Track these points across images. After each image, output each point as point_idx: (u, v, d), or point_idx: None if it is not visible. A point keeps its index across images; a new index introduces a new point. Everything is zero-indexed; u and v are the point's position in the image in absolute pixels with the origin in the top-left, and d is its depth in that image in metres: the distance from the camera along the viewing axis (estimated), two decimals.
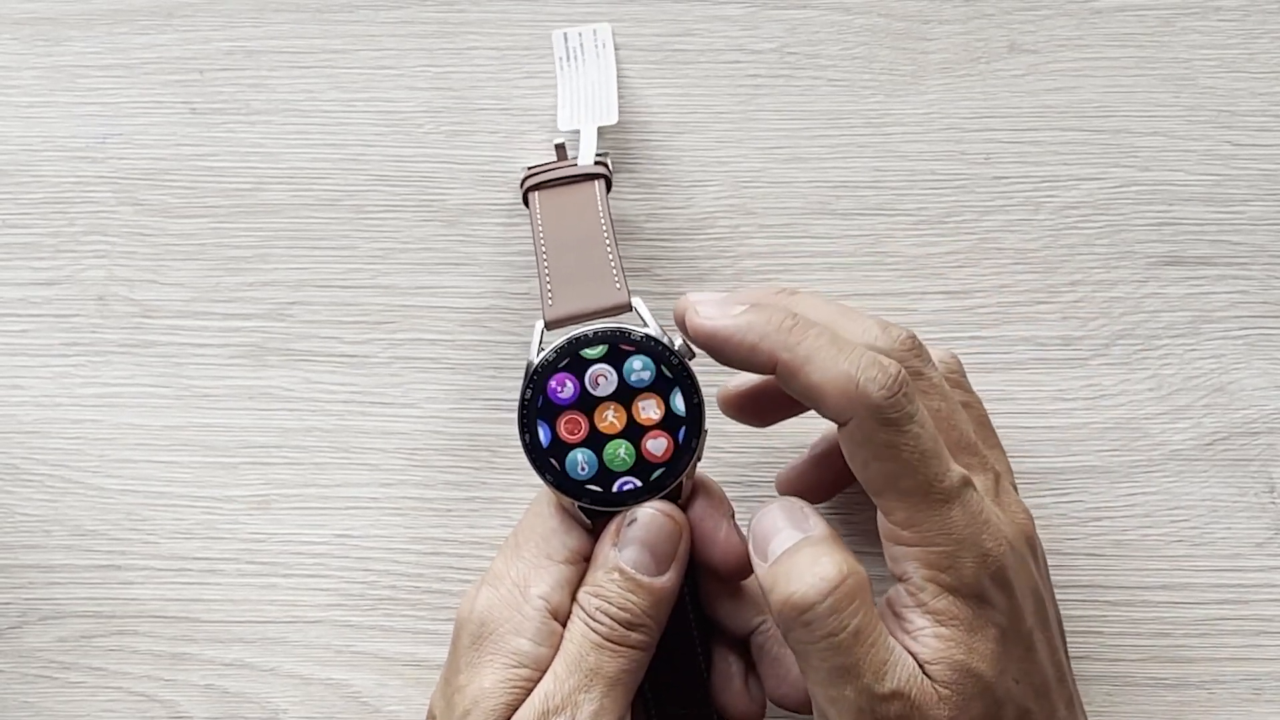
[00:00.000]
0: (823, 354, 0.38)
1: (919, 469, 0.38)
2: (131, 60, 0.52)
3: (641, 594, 0.41)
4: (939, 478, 0.38)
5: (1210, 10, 0.51)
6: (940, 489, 0.38)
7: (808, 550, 0.38)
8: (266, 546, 0.49)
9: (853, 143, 0.51)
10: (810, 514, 0.40)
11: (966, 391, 0.44)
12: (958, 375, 0.44)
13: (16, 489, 0.50)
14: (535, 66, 0.51)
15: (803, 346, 0.39)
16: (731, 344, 0.40)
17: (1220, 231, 0.50)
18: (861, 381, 0.38)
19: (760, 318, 0.40)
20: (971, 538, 0.37)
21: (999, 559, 0.38)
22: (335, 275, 0.50)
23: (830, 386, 0.38)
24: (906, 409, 0.37)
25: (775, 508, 0.40)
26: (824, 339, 0.39)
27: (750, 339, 0.39)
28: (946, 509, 0.38)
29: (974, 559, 0.37)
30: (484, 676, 0.41)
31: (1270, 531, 0.49)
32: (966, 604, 0.38)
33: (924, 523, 0.38)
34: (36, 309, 0.50)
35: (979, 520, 0.38)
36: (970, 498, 0.38)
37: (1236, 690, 0.48)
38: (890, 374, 0.38)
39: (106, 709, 0.49)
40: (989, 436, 0.44)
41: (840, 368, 0.38)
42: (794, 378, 0.39)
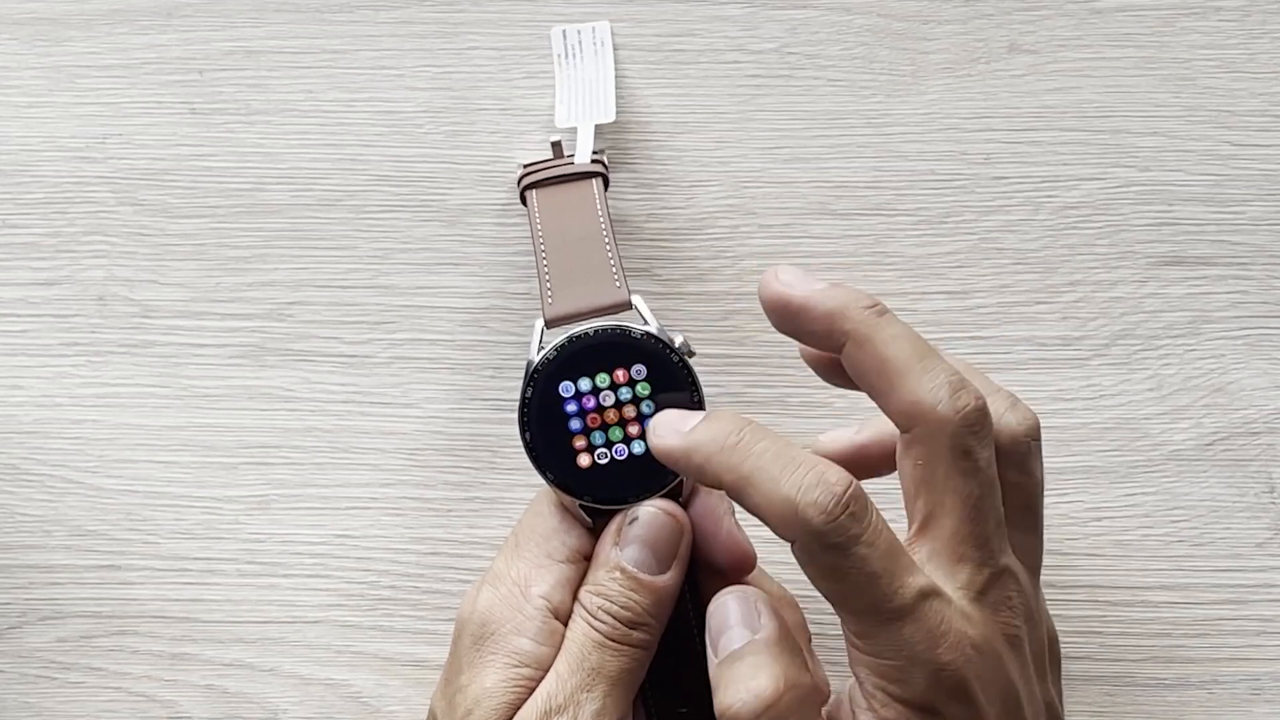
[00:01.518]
0: (762, 475, 0.37)
1: (866, 590, 0.36)
2: (131, 60, 0.52)
3: (643, 593, 0.41)
4: (888, 598, 0.36)
5: (1210, 10, 0.51)
6: (890, 608, 0.36)
7: (749, 658, 0.38)
8: (266, 546, 0.49)
9: (853, 143, 0.51)
10: (764, 610, 0.39)
11: (1024, 471, 0.40)
12: (1024, 453, 0.40)
13: (16, 489, 0.50)
14: (535, 66, 0.51)
15: (744, 467, 0.38)
16: (681, 466, 0.40)
17: (1220, 231, 0.50)
18: (801, 506, 0.36)
19: (706, 435, 0.39)
20: (925, 653, 0.36)
21: (955, 672, 0.36)
22: (335, 275, 0.50)
23: (771, 510, 0.37)
24: (851, 531, 0.36)
25: (730, 600, 0.39)
26: (767, 456, 0.38)
27: (697, 460, 0.39)
28: (898, 626, 0.36)
29: (925, 675, 0.36)
30: (486, 676, 0.41)
31: (1270, 531, 0.49)
32: (916, 714, 0.37)
33: (874, 637, 0.37)
34: (36, 309, 0.50)
35: (935, 634, 0.36)
36: (927, 612, 0.37)
37: (1236, 690, 0.48)
38: (834, 494, 0.36)
39: (106, 709, 0.49)
40: (1026, 520, 0.41)
41: (780, 492, 0.37)
42: (739, 499, 0.38)
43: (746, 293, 0.50)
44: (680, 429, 0.40)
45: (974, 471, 0.38)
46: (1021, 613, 0.39)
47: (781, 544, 0.37)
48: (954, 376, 0.38)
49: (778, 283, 0.40)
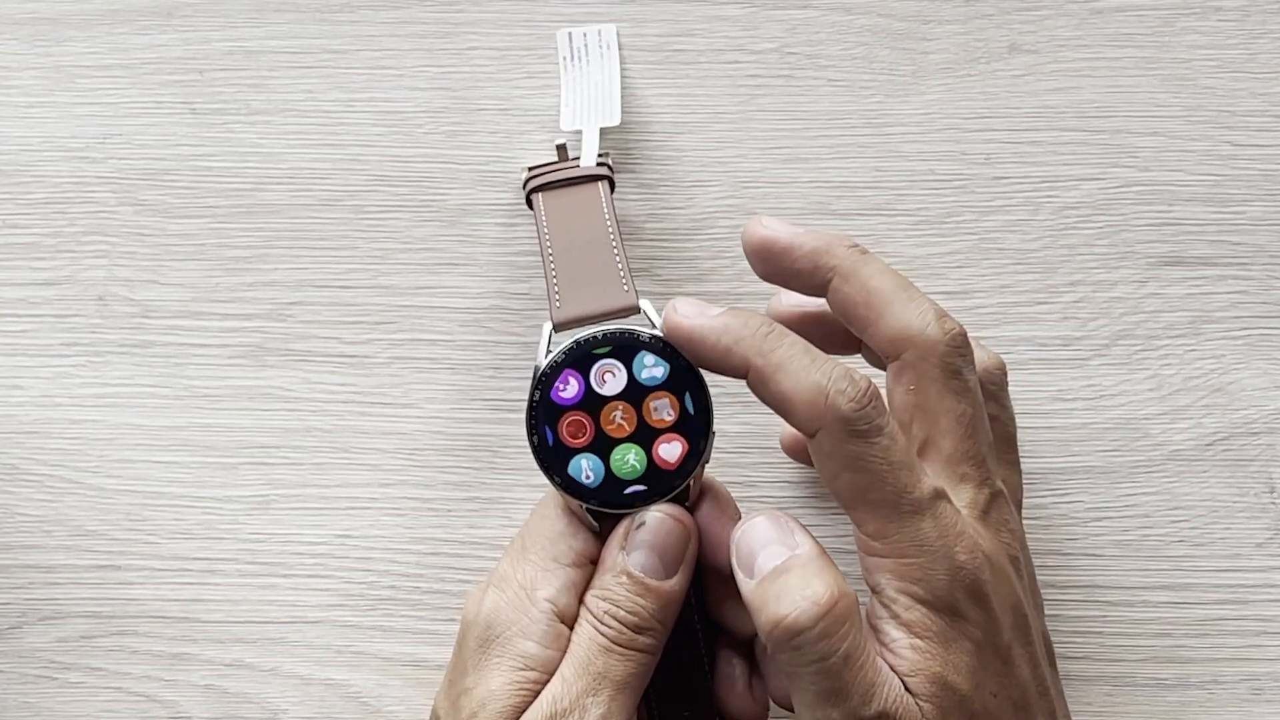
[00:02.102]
0: (795, 363, 0.39)
1: (888, 480, 0.37)
2: (131, 60, 0.52)
3: (650, 598, 0.41)
4: (908, 489, 0.37)
5: (1210, 10, 0.51)
6: (910, 500, 0.37)
7: (798, 570, 0.38)
8: (266, 546, 0.49)
9: (853, 143, 0.51)
10: (797, 530, 0.40)
11: (1000, 404, 0.43)
12: (996, 385, 0.43)
13: (16, 489, 0.50)
14: (536, 66, 0.51)
15: (776, 354, 0.39)
16: (707, 345, 0.40)
17: (1220, 231, 0.50)
18: (831, 393, 0.38)
19: (737, 321, 0.40)
20: (943, 550, 0.37)
21: (973, 572, 0.37)
22: (335, 275, 0.50)
23: (799, 396, 0.38)
24: (875, 421, 0.38)
25: (761, 521, 0.40)
26: (798, 348, 0.39)
27: (725, 341, 0.40)
28: (917, 520, 0.37)
29: (946, 571, 0.37)
30: (491, 679, 0.41)
31: (1270, 531, 0.49)
32: (940, 616, 0.37)
33: (894, 534, 0.37)
34: (36, 309, 0.50)
35: (952, 532, 0.37)
36: (943, 510, 0.38)
37: (1236, 690, 0.48)
38: (860, 387, 0.38)
39: (106, 709, 0.49)
40: (1007, 453, 0.43)
41: (811, 378, 0.38)
42: (765, 385, 0.39)
43: (747, 293, 0.50)
44: (707, 312, 0.40)
45: (965, 391, 0.39)
46: (1017, 539, 0.40)
47: None
48: (937, 306, 0.40)
49: (762, 228, 0.42)
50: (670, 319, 0.41)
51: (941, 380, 0.39)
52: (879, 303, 0.40)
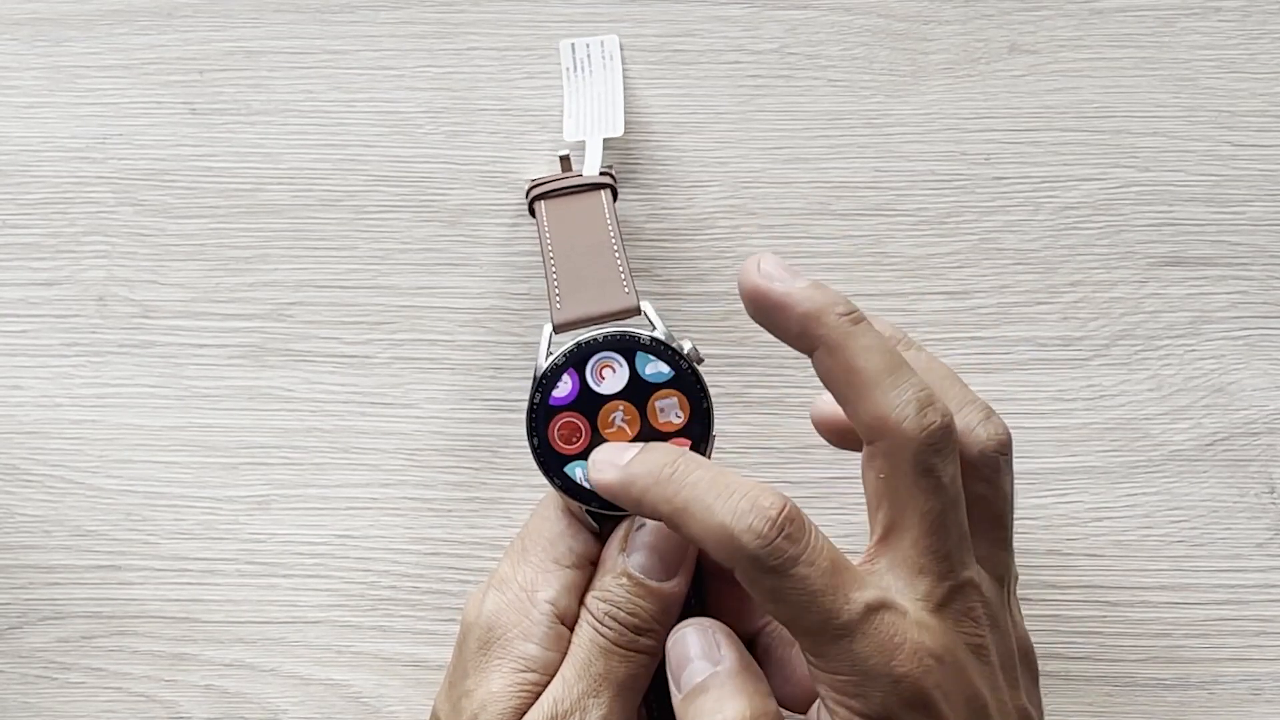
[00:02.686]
0: (697, 505, 0.37)
1: (810, 609, 0.36)
2: (131, 60, 0.52)
3: (650, 599, 0.41)
4: (834, 614, 0.36)
5: (1210, 10, 0.51)
6: (837, 625, 0.36)
7: (714, 691, 0.38)
8: (266, 546, 0.49)
9: (853, 143, 0.51)
10: (724, 641, 0.39)
11: (991, 485, 0.40)
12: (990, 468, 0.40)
13: (16, 489, 0.50)
14: (536, 67, 0.51)
15: (679, 497, 0.38)
16: (621, 500, 0.40)
17: (1220, 232, 0.50)
18: (736, 531, 0.36)
19: (642, 468, 0.39)
20: (879, 666, 0.36)
21: (914, 682, 0.36)
22: (335, 275, 0.50)
23: (707, 539, 0.37)
24: (789, 552, 0.36)
25: (689, 634, 0.40)
26: (701, 485, 0.38)
27: (634, 493, 0.39)
28: (847, 642, 0.36)
29: (882, 687, 0.36)
30: (492, 680, 0.41)
31: (1270, 532, 0.49)
32: None
33: (827, 654, 0.37)
34: (36, 309, 0.50)
35: (889, 646, 0.36)
36: (877, 625, 0.36)
37: (1236, 690, 0.48)
38: (768, 517, 0.36)
39: (106, 709, 0.49)
40: (993, 535, 0.41)
41: (715, 519, 0.37)
42: (678, 530, 0.38)
43: None
44: (617, 463, 0.40)
45: (936, 489, 0.38)
46: (986, 623, 0.39)
47: None
48: (922, 393, 0.38)
49: (757, 274, 0.40)
50: (590, 477, 0.41)
51: (911, 475, 0.38)
52: (860, 384, 0.38)
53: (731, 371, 0.50)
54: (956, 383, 0.41)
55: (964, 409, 0.40)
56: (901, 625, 0.37)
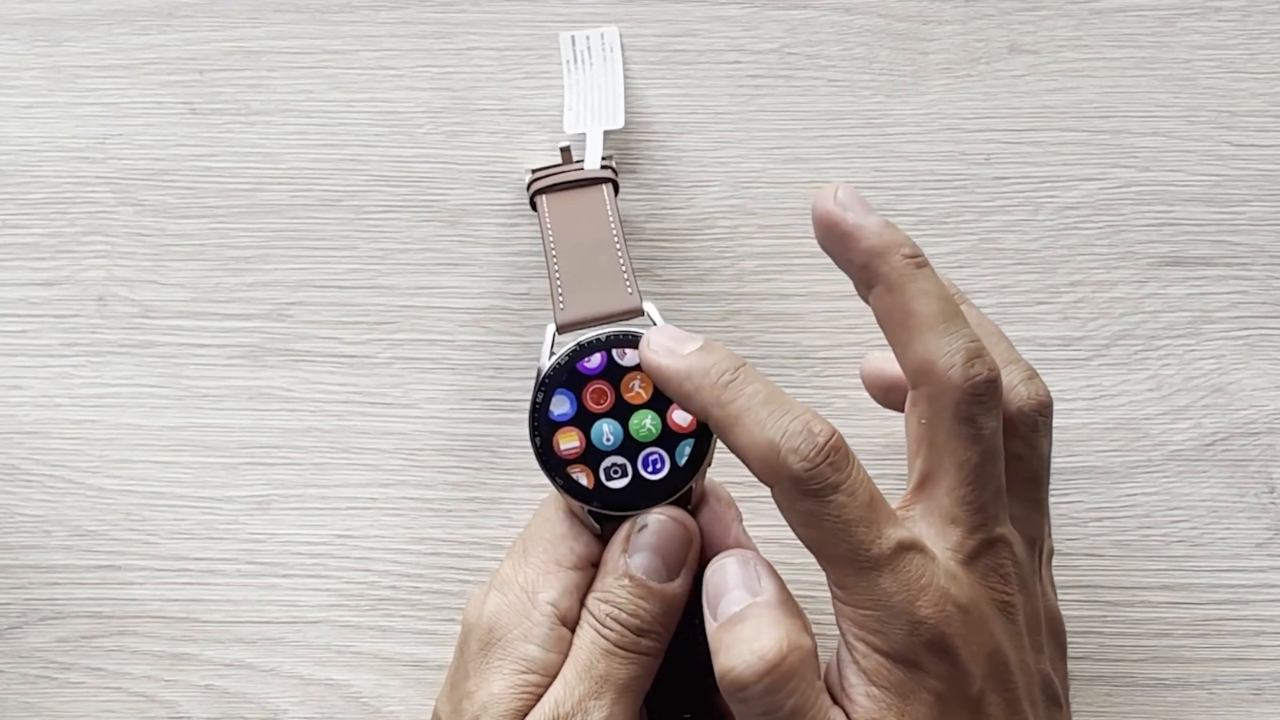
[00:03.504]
0: (750, 416, 0.38)
1: (843, 538, 0.37)
2: (131, 60, 0.52)
3: (652, 600, 0.41)
4: (865, 546, 0.37)
5: (1210, 10, 0.51)
6: (867, 557, 0.37)
7: (752, 621, 0.38)
8: (266, 546, 0.49)
9: (853, 143, 0.51)
10: (764, 573, 0.39)
11: (1029, 444, 0.41)
12: (1028, 426, 0.41)
13: (16, 489, 0.50)
14: (536, 67, 0.51)
15: (734, 405, 0.38)
16: (670, 387, 0.40)
17: (1220, 232, 0.50)
18: (783, 451, 0.37)
19: (700, 366, 0.39)
20: (903, 605, 0.36)
21: (936, 625, 0.37)
22: (335, 275, 0.50)
23: (753, 452, 0.37)
24: (831, 479, 0.37)
25: (729, 563, 0.40)
26: (757, 399, 0.38)
27: (686, 387, 0.39)
28: (875, 576, 0.37)
29: (904, 626, 0.37)
30: (493, 682, 0.41)
31: (1270, 532, 0.49)
32: (897, 667, 0.37)
33: (853, 587, 0.37)
34: (36, 309, 0.50)
35: (915, 586, 0.37)
36: (906, 564, 0.37)
37: (1236, 690, 0.48)
38: (816, 443, 0.37)
39: (106, 709, 0.49)
40: (1029, 492, 0.41)
41: (765, 434, 0.37)
42: (723, 436, 0.38)
43: (746, 293, 0.50)
44: (678, 350, 0.40)
45: (975, 439, 0.38)
46: (1015, 582, 0.39)
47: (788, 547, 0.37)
48: (972, 343, 0.38)
49: (833, 201, 0.40)
50: (642, 353, 0.41)
51: (952, 423, 0.38)
52: (913, 326, 0.39)
53: None
54: (1004, 341, 0.42)
55: (1008, 367, 0.41)
56: (930, 569, 0.37)
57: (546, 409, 0.42)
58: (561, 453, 0.42)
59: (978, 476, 0.38)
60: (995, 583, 0.39)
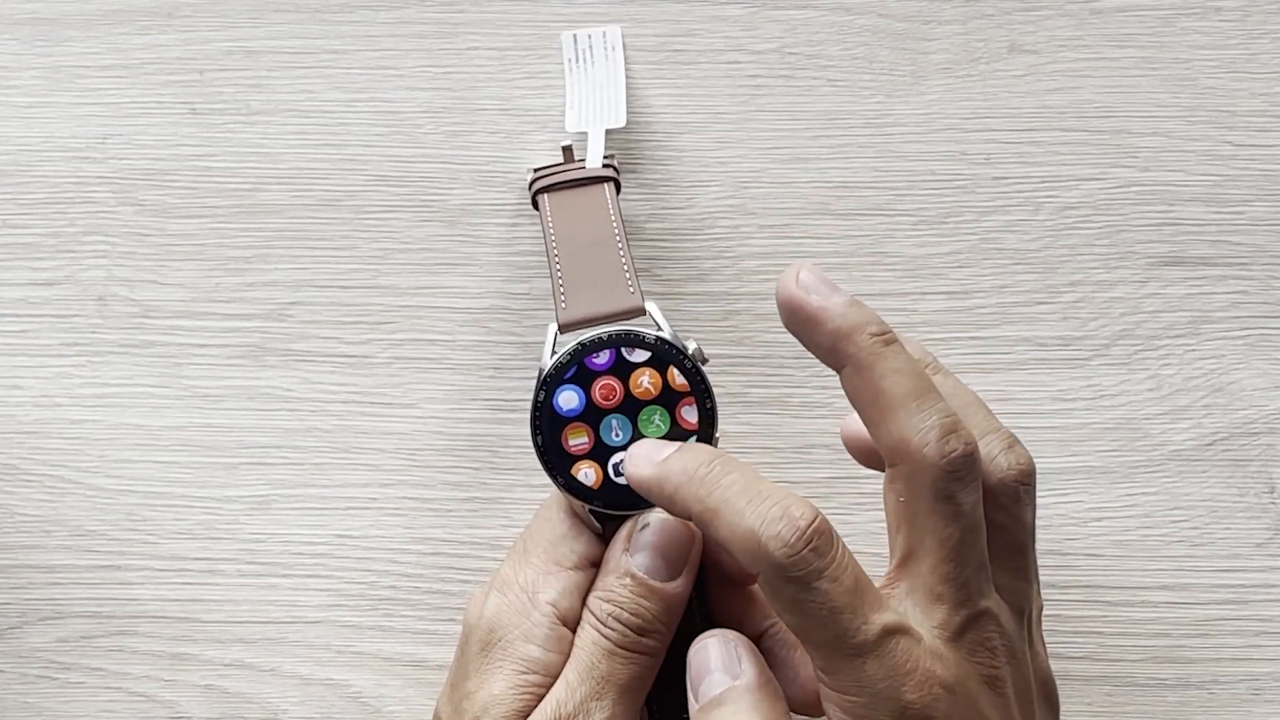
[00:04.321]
0: (729, 507, 0.37)
1: (828, 625, 0.36)
2: (131, 60, 0.52)
3: (654, 599, 0.41)
4: (850, 633, 0.36)
5: (1210, 10, 0.51)
6: (852, 644, 0.36)
7: (729, 705, 0.38)
8: (266, 546, 0.49)
9: (853, 143, 0.51)
10: (745, 655, 0.39)
11: (1012, 515, 0.40)
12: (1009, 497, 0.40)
13: (16, 489, 0.50)
14: (536, 67, 0.51)
15: (712, 499, 0.38)
16: (654, 496, 0.40)
17: (1220, 232, 0.50)
18: (764, 539, 0.36)
19: (678, 465, 0.39)
20: (888, 690, 0.36)
21: (922, 710, 0.36)
22: (335, 275, 0.50)
23: (735, 543, 0.37)
24: (813, 565, 0.36)
25: (711, 644, 0.39)
26: (735, 489, 0.38)
27: (668, 490, 0.39)
28: (860, 662, 0.36)
29: (889, 712, 0.36)
30: (494, 683, 0.41)
31: (1270, 531, 0.49)
32: None
33: (838, 672, 0.37)
34: (36, 309, 0.50)
35: (900, 671, 0.36)
36: (892, 649, 0.36)
37: (1236, 690, 0.48)
38: (798, 528, 0.36)
39: (106, 709, 0.49)
40: (1014, 564, 0.40)
41: (744, 524, 0.37)
42: (706, 531, 0.38)
43: (746, 293, 0.50)
44: (654, 459, 0.40)
45: (955, 516, 0.38)
46: (1004, 654, 0.38)
47: None
48: (946, 419, 0.38)
49: (795, 285, 0.40)
50: (625, 470, 0.41)
51: (931, 501, 0.38)
52: (885, 406, 0.38)
53: (732, 371, 0.50)
54: (981, 409, 0.41)
55: (986, 437, 0.40)
56: (915, 652, 0.36)
57: (553, 404, 0.42)
58: (570, 449, 0.42)
59: (959, 553, 0.38)
60: (983, 657, 0.38)
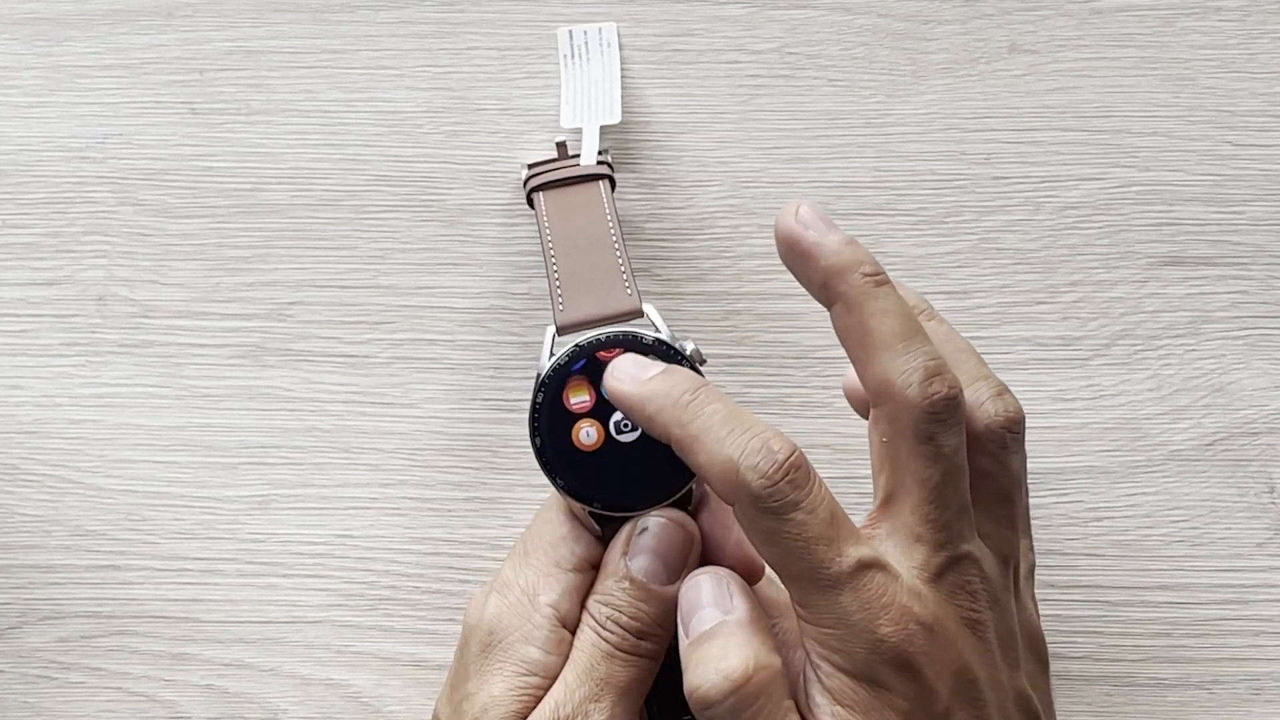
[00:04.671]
0: (709, 435, 0.38)
1: (803, 556, 0.37)
2: (131, 60, 0.52)
3: (653, 603, 0.41)
4: (825, 564, 0.36)
5: (1210, 10, 0.51)
6: (827, 576, 0.36)
7: (720, 639, 0.38)
8: (266, 546, 0.49)
9: (853, 143, 0.51)
10: (736, 591, 0.39)
11: (998, 461, 0.40)
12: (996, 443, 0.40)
13: (16, 489, 0.50)
14: (536, 66, 0.51)
15: (694, 425, 0.38)
16: (634, 413, 0.40)
17: (1220, 231, 0.50)
18: (742, 469, 0.37)
19: (662, 387, 0.39)
20: (864, 623, 0.36)
21: (898, 644, 0.36)
22: (335, 275, 0.50)
23: (713, 471, 0.37)
24: (790, 496, 0.36)
25: (703, 580, 0.40)
26: (717, 418, 0.38)
27: (649, 410, 0.39)
28: (835, 594, 0.36)
29: (865, 644, 0.36)
30: (493, 684, 0.41)
31: (1270, 531, 0.49)
32: (861, 686, 0.37)
33: (814, 605, 0.37)
34: (36, 309, 0.50)
35: (876, 605, 0.36)
36: (867, 582, 0.36)
37: (1236, 690, 0.48)
38: (775, 460, 0.37)
39: (106, 709, 0.49)
40: (1000, 512, 0.40)
41: (723, 452, 0.37)
42: (685, 456, 0.38)
43: (746, 293, 0.50)
44: (639, 376, 0.40)
45: (935, 457, 0.38)
46: (985, 598, 0.39)
47: None
48: (931, 361, 0.38)
49: (794, 219, 0.40)
50: (606, 381, 0.41)
51: (912, 442, 0.38)
52: (871, 345, 0.38)
53: (731, 371, 0.50)
54: (972, 357, 0.42)
55: (976, 383, 0.40)
56: (892, 588, 0.37)
57: (560, 406, 0.42)
58: (571, 406, 0.42)
59: (940, 494, 0.38)
60: (963, 600, 0.38)
